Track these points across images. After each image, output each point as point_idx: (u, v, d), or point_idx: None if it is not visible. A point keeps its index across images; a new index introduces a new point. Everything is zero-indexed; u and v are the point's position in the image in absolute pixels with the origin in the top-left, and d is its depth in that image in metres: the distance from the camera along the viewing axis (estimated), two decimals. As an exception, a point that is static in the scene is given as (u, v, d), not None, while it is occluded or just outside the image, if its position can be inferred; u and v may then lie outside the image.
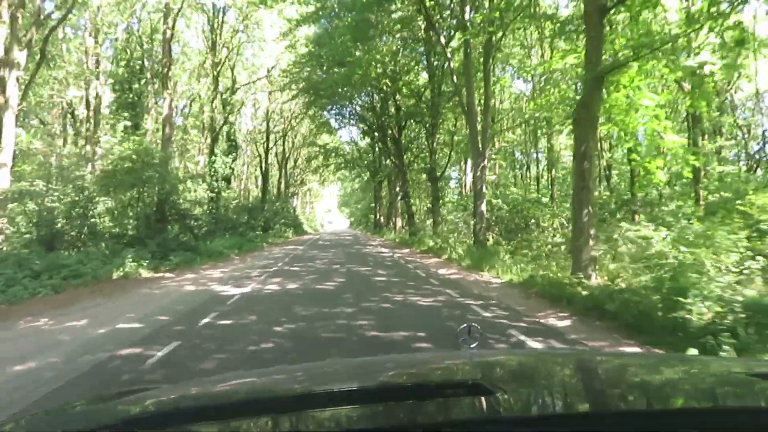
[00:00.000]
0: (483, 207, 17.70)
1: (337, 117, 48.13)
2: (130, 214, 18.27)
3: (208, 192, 28.84)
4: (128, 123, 28.44)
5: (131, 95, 30.60)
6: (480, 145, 17.79)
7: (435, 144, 25.21)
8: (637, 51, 8.93)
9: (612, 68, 9.49)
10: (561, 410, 1.19)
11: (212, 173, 29.30)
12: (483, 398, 1.16)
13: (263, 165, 44.48)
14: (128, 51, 31.40)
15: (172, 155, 23.85)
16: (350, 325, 6.75)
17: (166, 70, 21.47)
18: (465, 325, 1.94)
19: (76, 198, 15.78)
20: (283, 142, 51.94)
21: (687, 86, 12.58)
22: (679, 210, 14.12)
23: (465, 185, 34.77)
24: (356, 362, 2.24)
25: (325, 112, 50.15)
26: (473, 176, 18.16)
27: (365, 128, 34.33)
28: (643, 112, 10.05)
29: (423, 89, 26.11)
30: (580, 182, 9.78)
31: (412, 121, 32.13)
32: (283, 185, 56.08)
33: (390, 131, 32.47)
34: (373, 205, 62.55)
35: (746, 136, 22.35)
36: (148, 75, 34.04)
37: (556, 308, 8.03)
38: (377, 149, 51.93)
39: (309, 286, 10.98)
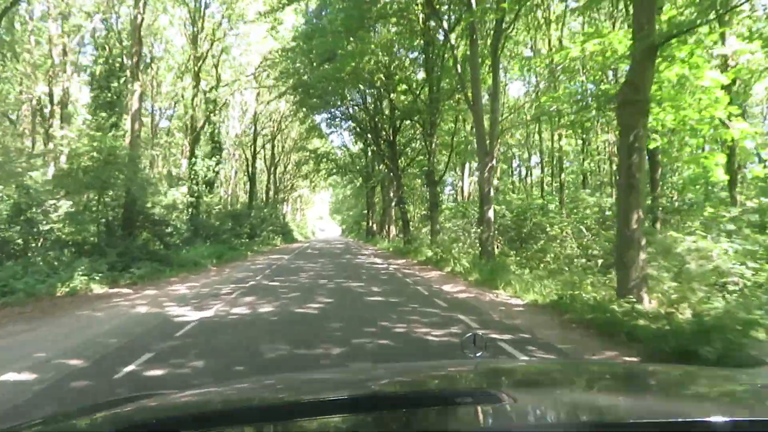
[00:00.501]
0: (491, 213, 15.69)
1: (329, 120, 46.36)
2: (89, 219, 16.04)
3: (188, 196, 26.65)
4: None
5: (110, 94, 28.59)
6: (487, 143, 15.82)
7: (433, 145, 23.24)
8: (707, 9, 6.93)
9: (671, 36, 7.51)
10: (572, 420, 1.19)
11: (193, 176, 27.11)
12: (493, 407, 1.18)
13: (250, 169, 42.31)
14: (107, 47, 29.44)
15: (141, 154, 21.66)
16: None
17: (135, 59, 19.39)
18: (470, 334, 1.88)
19: (20, 200, 13.56)
20: (272, 146, 49.83)
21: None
22: (722, 217, 12.13)
23: (462, 191, 32.83)
24: (362, 369, 2.50)
25: (316, 116, 48.46)
26: (480, 178, 16.14)
27: (358, 129, 32.26)
28: (704, 96, 8.05)
29: (420, 85, 24.10)
30: (627, 180, 7.77)
31: (408, 121, 30.17)
32: (272, 191, 53.88)
33: (384, 133, 30.47)
34: (365, 212, 60.45)
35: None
36: (128, 73, 32.02)
37: (613, 347, 5.98)
38: (370, 153, 50.04)
39: (287, 309, 8.85)
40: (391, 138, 29.87)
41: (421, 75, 25.24)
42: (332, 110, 33.58)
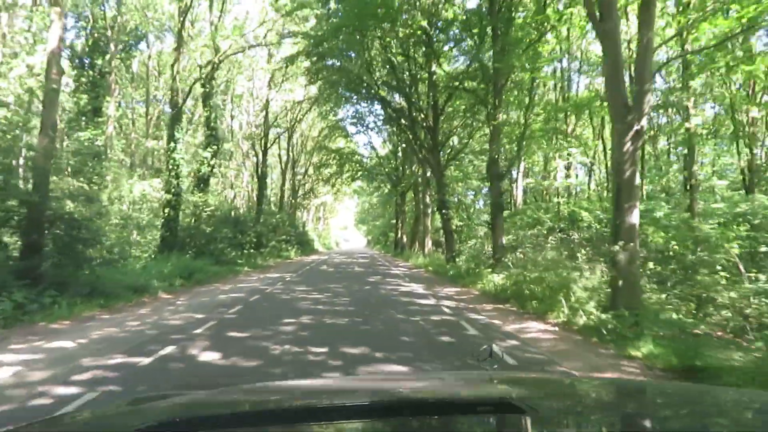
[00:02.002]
0: (635, 217, 8.48)
1: (354, 113, 39.62)
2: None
3: (163, 192, 20.09)
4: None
5: (92, 73, 22.66)
6: (628, 94, 8.71)
7: (498, 120, 16.04)
8: None
9: None
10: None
11: (171, 167, 20.58)
12: (513, 417, 1.18)
13: (260, 169, 35.76)
14: (90, 18, 23.67)
15: (58, 114, 14.98)
16: None
17: None
18: (486, 345, 1.90)
19: None
20: (288, 142, 43.31)
21: None
22: None
23: (512, 195, 25.53)
24: (383, 377, 2.48)
25: (338, 113, 41.88)
26: (615, 155, 8.84)
27: (388, 112, 25.18)
28: None
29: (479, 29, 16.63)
30: None
31: (455, 104, 23.13)
32: (287, 195, 47.36)
33: (422, 116, 23.46)
34: (393, 221, 53.25)
35: None
36: (112, 47, 26.09)
37: None
38: (400, 154, 43.10)
39: None
40: (432, 122, 22.84)
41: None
42: (355, 96, 26.74)
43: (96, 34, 23.42)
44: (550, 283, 9.48)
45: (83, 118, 21.84)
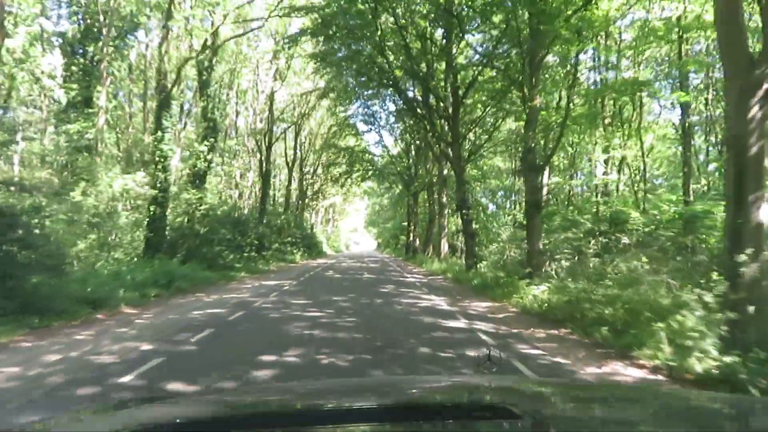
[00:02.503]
0: (764, 213, 5.90)
1: (363, 114, 37.24)
2: None
3: (147, 187, 17.73)
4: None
5: (83, 61, 20.64)
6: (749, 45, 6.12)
7: (535, 102, 13.44)
8: None
9: None
10: None
11: (157, 159, 18.25)
12: (510, 422, 1.16)
13: (263, 166, 33.37)
14: (82, 3, 21.76)
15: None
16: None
17: None
18: (485, 350, 1.92)
19: None
20: (295, 139, 40.91)
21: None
22: None
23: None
24: (380, 381, 2.45)
25: (348, 109, 39.51)
26: (737, 123, 6.25)
27: (405, 101, 22.61)
28: None
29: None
30: None
31: (476, 92, 20.55)
32: (294, 195, 44.96)
33: (441, 104, 20.91)
34: (405, 223, 50.60)
35: None
36: (105, 32, 23.93)
37: None
38: (413, 152, 40.54)
39: None
40: (452, 111, 20.29)
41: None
42: (365, 82, 24.23)
43: (89, 20, 21.46)
44: (633, 304, 6.85)
45: (74, 110, 19.79)
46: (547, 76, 15.07)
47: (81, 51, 21.28)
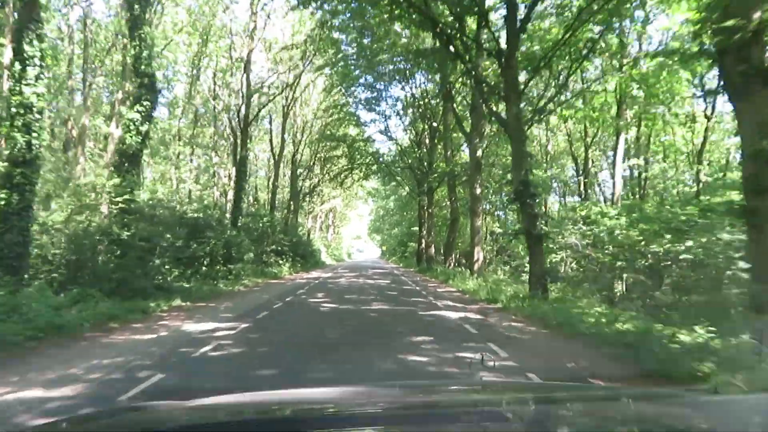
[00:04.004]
0: None
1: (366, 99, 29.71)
2: None
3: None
4: None
5: None
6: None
7: None
8: None
9: None
10: None
11: (15, 109, 10.56)
12: (499, 425, 1.17)
13: (238, 151, 25.62)
14: None
15: None
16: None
17: None
18: (478, 354, 1.97)
19: None
20: (283, 122, 33.12)
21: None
22: None
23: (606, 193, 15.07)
24: (371, 386, 2.20)
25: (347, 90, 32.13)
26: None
27: (433, 36, 14.78)
28: None
29: None
30: None
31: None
32: (283, 193, 37.21)
33: (489, 30, 13.18)
34: (415, 228, 42.57)
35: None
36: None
37: None
38: (428, 141, 32.85)
39: None
40: (506, 44, 12.62)
41: None
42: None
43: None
44: None
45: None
46: None
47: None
